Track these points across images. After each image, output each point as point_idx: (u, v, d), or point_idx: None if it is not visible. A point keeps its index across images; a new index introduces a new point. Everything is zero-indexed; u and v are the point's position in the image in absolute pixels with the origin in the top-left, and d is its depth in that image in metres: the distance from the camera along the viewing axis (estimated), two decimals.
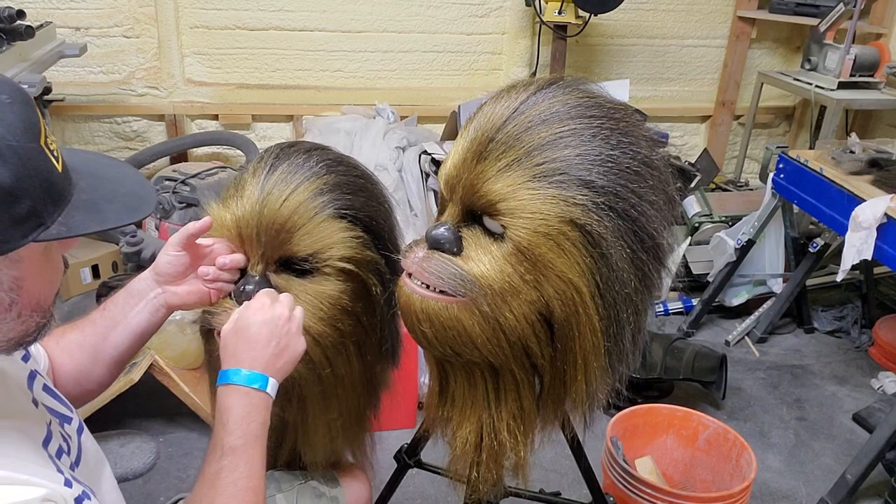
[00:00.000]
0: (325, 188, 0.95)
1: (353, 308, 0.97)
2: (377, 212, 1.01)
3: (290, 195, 0.93)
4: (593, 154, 0.80)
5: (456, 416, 0.97)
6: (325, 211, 0.94)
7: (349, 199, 0.97)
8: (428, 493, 1.92)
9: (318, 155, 1.00)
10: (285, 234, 0.93)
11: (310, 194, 0.94)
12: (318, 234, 0.94)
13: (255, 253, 0.95)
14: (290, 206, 0.93)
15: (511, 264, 0.82)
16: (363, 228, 0.98)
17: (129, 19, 2.91)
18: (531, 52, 3.26)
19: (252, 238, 0.94)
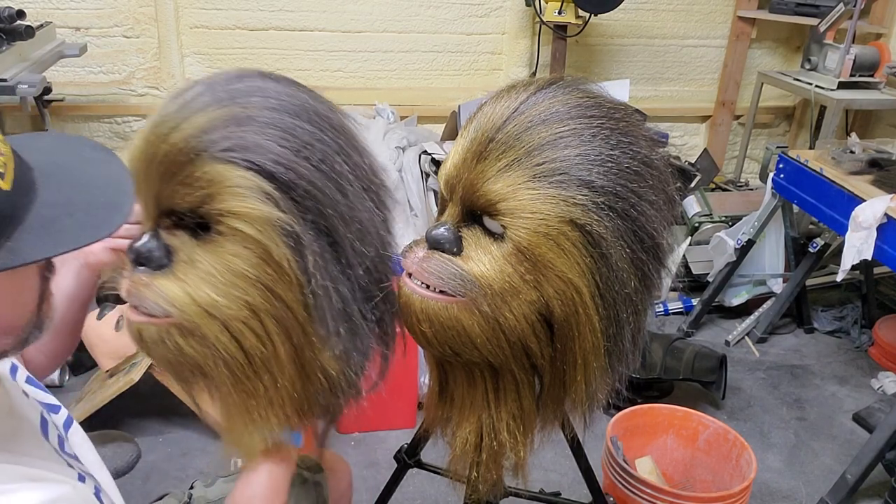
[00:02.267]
0: (229, 122, 0.73)
1: (258, 278, 0.75)
2: (318, 172, 0.76)
3: (179, 126, 0.73)
4: (593, 154, 0.80)
5: (456, 416, 0.97)
6: (214, 151, 0.72)
7: (261, 143, 0.73)
8: (428, 493, 1.92)
9: (253, 81, 0.78)
10: (166, 178, 0.74)
11: (199, 128, 0.73)
12: (203, 180, 0.72)
13: (143, 201, 0.79)
14: (173, 141, 0.73)
15: (511, 264, 0.82)
16: (276, 184, 0.73)
17: (129, 19, 2.91)
18: (531, 52, 3.26)
19: (140, 181, 0.77)
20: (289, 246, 0.74)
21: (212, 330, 0.75)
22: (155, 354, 0.80)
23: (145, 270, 0.76)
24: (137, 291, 0.76)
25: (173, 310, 0.74)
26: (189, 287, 0.75)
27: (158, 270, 0.76)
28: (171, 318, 0.75)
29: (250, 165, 0.72)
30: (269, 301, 0.76)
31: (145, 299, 0.76)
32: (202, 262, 0.75)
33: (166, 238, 0.77)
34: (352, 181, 0.79)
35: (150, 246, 0.76)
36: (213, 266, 0.74)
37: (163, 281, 0.75)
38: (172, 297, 0.75)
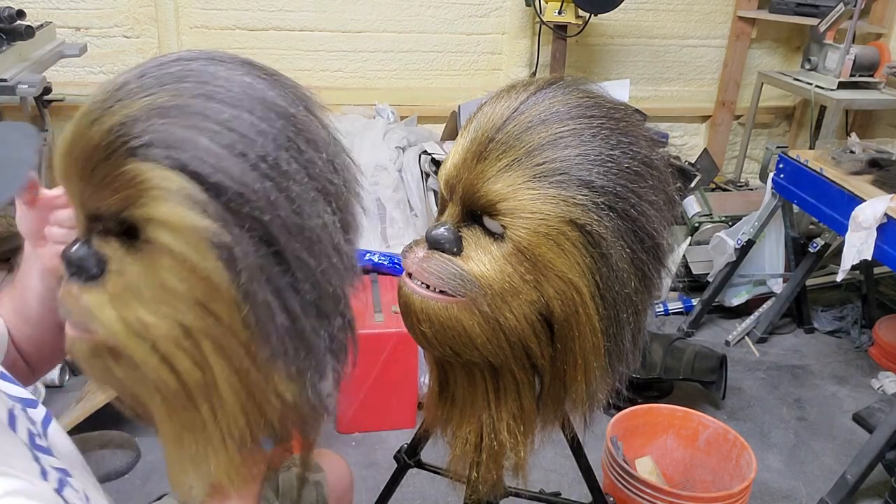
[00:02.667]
0: (152, 113, 0.63)
1: (190, 294, 0.66)
2: (255, 172, 0.65)
3: (100, 118, 0.64)
4: (593, 154, 0.80)
5: (456, 416, 0.97)
6: (134, 146, 0.62)
7: (188, 137, 0.63)
8: (428, 493, 1.92)
9: (190, 63, 0.69)
10: (87, 177, 0.65)
11: (119, 120, 0.63)
12: (122, 180, 0.63)
13: (73, 204, 0.70)
14: (92, 135, 0.63)
15: (511, 264, 0.82)
16: (204, 186, 0.63)
17: (129, 19, 2.91)
18: (531, 52, 3.25)
19: (66, 180, 0.68)
20: (221, 259, 0.64)
21: (140, 352, 0.67)
22: (91, 373, 0.73)
23: (77, 281, 0.69)
24: (67, 304, 0.69)
25: (99, 327, 0.67)
26: (116, 302, 0.67)
27: (90, 281, 0.68)
28: (99, 336, 0.68)
29: (174, 164, 0.62)
30: (204, 319, 0.66)
31: (73, 313, 0.69)
32: (131, 274, 0.66)
33: (98, 245, 0.68)
34: (301, 181, 0.68)
35: (81, 254, 0.68)
36: (142, 279, 0.66)
37: (91, 294, 0.68)
38: (98, 314, 0.67)
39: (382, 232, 2.69)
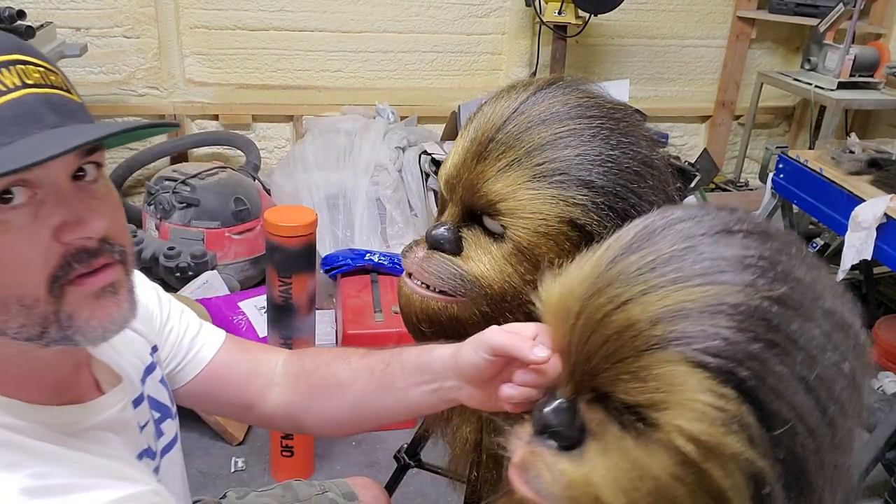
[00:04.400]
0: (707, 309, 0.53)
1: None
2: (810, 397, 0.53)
3: (641, 298, 0.54)
4: (593, 154, 0.80)
5: (456, 416, 0.97)
6: (682, 348, 0.52)
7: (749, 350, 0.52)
8: (428, 493, 1.92)
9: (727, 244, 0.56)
10: (608, 359, 0.56)
11: (669, 310, 0.53)
12: (660, 381, 0.53)
13: (568, 363, 0.61)
14: (631, 317, 0.55)
15: (511, 264, 0.82)
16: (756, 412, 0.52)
17: (129, 19, 2.91)
18: (531, 52, 3.26)
19: (568, 338, 0.60)
20: (749, 491, 0.53)
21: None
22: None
23: (550, 445, 0.60)
24: (535, 469, 0.60)
25: (566, 502, 0.58)
26: (598, 487, 0.57)
27: (565, 450, 0.60)
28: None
29: (724, 377, 0.51)
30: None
31: (540, 483, 0.60)
32: (623, 463, 0.56)
33: (584, 413, 0.59)
34: (845, 409, 0.55)
35: (563, 420, 0.59)
36: (636, 473, 0.55)
37: (566, 466, 0.58)
38: (576, 493, 0.58)
39: (382, 232, 2.69)
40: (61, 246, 0.61)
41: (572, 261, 0.80)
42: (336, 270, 2.37)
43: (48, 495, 0.60)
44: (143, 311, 0.83)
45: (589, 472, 0.58)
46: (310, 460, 1.93)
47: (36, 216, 0.60)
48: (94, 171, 0.65)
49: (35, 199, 0.60)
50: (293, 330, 1.68)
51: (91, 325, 0.64)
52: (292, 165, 2.80)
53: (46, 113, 0.59)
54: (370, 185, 2.69)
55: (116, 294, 0.65)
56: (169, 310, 0.92)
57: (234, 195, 2.52)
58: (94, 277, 0.63)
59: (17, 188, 0.58)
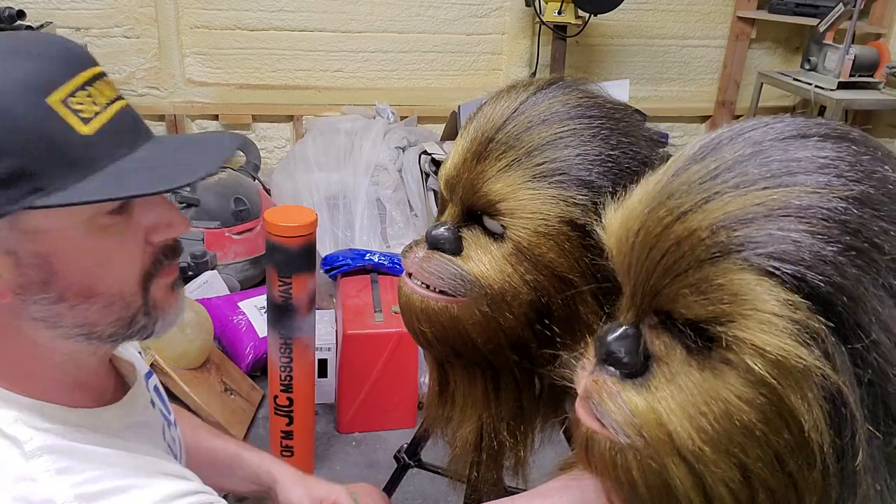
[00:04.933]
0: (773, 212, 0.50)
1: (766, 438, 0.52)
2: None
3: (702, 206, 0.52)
4: (593, 154, 0.80)
5: (456, 415, 0.97)
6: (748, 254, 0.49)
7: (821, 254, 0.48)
8: (428, 493, 1.92)
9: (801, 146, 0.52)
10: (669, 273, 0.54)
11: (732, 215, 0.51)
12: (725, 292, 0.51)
13: (630, 286, 0.59)
14: (690, 226, 0.52)
15: (511, 264, 0.82)
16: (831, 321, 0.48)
17: (129, 19, 2.92)
18: (531, 52, 3.26)
19: (630, 259, 0.58)
20: (825, 411, 0.49)
21: (677, 471, 0.56)
22: (601, 470, 0.63)
23: (614, 374, 0.59)
24: (599, 397, 0.59)
25: (638, 438, 0.57)
26: (665, 415, 0.55)
27: (629, 378, 0.59)
28: (629, 443, 0.58)
29: (795, 284, 0.47)
30: (773, 473, 0.53)
31: (606, 413, 0.59)
32: (690, 388, 0.54)
33: (649, 340, 0.58)
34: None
35: (626, 347, 0.58)
36: (703, 399, 0.53)
37: (633, 396, 0.58)
38: (641, 422, 0.57)
39: (382, 232, 2.69)
40: (151, 245, 0.67)
41: (573, 260, 0.81)
42: (336, 270, 2.37)
43: (103, 498, 0.62)
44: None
45: (653, 400, 0.55)
46: (310, 461, 1.93)
47: (130, 219, 0.65)
48: None
49: (128, 204, 0.65)
50: (293, 330, 1.68)
51: (168, 315, 0.70)
52: (292, 165, 2.80)
53: (138, 124, 0.66)
54: (370, 185, 2.69)
55: (180, 286, 0.73)
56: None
57: (234, 195, 2.52)
58: (168, 270, 0.70)
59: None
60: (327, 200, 2.70)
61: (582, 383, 0.61)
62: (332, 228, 2.69)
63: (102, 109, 0.62)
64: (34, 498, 0.59)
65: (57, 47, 0.62)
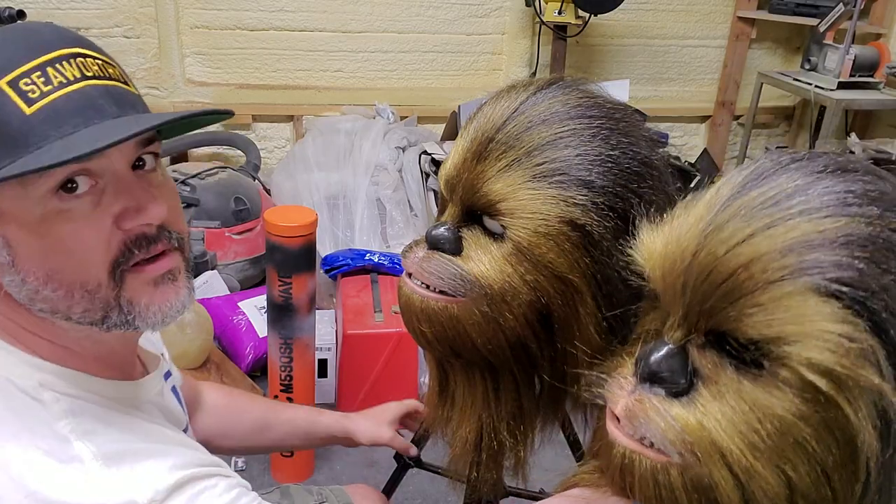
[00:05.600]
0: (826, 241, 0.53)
1: (814, 453, 0.54)
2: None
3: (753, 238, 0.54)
4: (593, 154, 0.80)
5: (456, 415, 0.97)
6: (805, 278, 0.52)
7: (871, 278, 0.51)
8: (428, 493, 1.92)
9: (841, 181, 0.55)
10: (727, 298, 0.56)
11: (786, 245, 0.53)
12: (783, 313, 0.53)
13: (680, 307, 0.60)
14: (748, 256, 0.54)
15: (511, 264, 0.82)
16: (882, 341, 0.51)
17: (129, 19, 2.91)
18: (531, 52, 3.26)
19: (681, 282, 0.59)
20: (877, 428, 0.52)
21: (728, 493, 0.56)
22: (641, 489, 0.63)
23: (659, 392, 0.59)
24: (644, 416, 0.59)
25: (689, 455, 0.57)
26: (715, 431, 0.56)
27: (674, 397, 0.58)
28: (677, 460, 0.58)
29: (857, 308, 0.50)
30: (818, 487, 0.54)
31: (652, 429, 0.58)
32: (741, 404, 0.55)
33: (695, 357, 0.59)
34: None
35: (673, 366, 0.58)
36: (755, 415, 0.54)
37: (679, 412, 0.57)
38: (692, 439, 0.56)
39: (382, 232, 2.69)
40: (122, 233, 0.64)
41: (573, 260, 0.81)
42: (336, 270, 2.37)
43: (124, 461, 0.62)
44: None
45: (703, 417, 0.56)
46: (310, 461, 1.93)
47: (98, 204, 0.62)
48: (152, 161, 0.68)
49: (97, 188, 0.62)
50: (293, 330, 1.68)
51: (150, 311, 0.67)
52: (292, 165, 2.80)
53: (107, 104, 0.62)
54: (370, 185, 2.69)
55: (175, 281, 0.69)
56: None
57: (234, 195, 2.52)
58: (153, 265, 0.67)
59: (80, 177, 0.61)
60: (327, 200, 2.69)
61: (620, 403, 0.61)
62: (332, 228, 2.69)
63: (55, 89, 0.60)
64: (62, 455, 0.61)
65: (28, 33, 0.63)
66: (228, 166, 2.76)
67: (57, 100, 0.60)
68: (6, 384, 0.63)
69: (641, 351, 0.61)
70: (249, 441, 1.12)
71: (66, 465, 0.61)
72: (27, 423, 0.62)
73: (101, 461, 0.61)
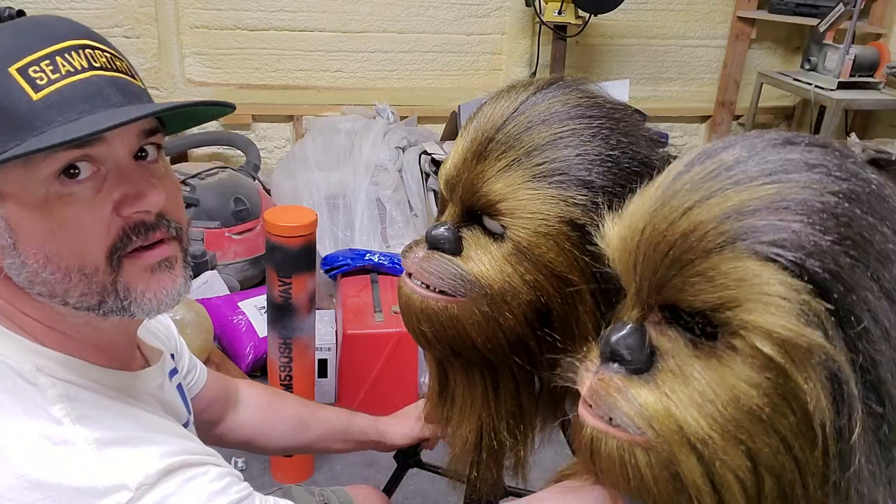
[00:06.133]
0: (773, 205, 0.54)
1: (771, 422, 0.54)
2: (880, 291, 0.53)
3: (706, 200, 0.56)
4: (593, 154, 0.80)
5: (456, 415, 0.97)
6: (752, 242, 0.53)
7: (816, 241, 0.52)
8: (428, 492, 1.92)
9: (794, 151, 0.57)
10: (677, 265, 0.57)
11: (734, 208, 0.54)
12: (731, 278, 0.54)
13: (635, 285, 0.62)
14: (696, 219, 0.56)
15: (511, 264, 0.82)
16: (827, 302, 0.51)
17: (129, 19, 2.91)
18: (531, 52, 3.26)
19: (635, 259, 0.61)
20: (827, 390, 0.51)
21: (689, 468, 0.57)
22: (606, 468, 0.64)
23: (619, 370, 0.60)
24: (606, 395, 0.61)
25: (649, 430, 0.58)
26: (674, 406, 0.57)
27: (635, 374, 0.60)
28: (642, 437, 0.59)
29: (795, 270, 0.50)
30: (778, 458, 0.54)
31: (616, 408, 0.60)
32: (697, 378, 0.56)
33: (653, 336, 0.60)
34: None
35: (632, 342, 0.60)
36: (710, 387, 0.55)
37: (641, 390, 0.59)
38: (651, 414, 0.58)
39: (382, 232, 2.69)
40: (121, 219, 0.65)
41: (573, 260, 0.81)
42: (336, 270, 2.37)
43: (117, 446, 0.63)
44: (164, 322, 0.92)
45: (661, 392, 0.57)
46: (310, 461, 1.93)
47: (99, 190, 0.64)
48: (154, 152, 0.69)
49: (98, 174, 0.64)
50: (293, 330, 1.68)
51: (146, 298, 0.68)
52: (292, 165, 2.80)
53: (112, 93, 0.64)
54: (370, 185, 2.69)
55: (172, 269, 0.70)
56: (172, 325, 0.98)
57: (234, 195, 2.52)
58: (151, 252, 0.68)
59: (82, 163, 0.63)
60: (327, 200, 2.69)
61: (586, 384, 0.63)
62: (332, 228, 2.69)
63: (63, 77, 0.62)
64: (56, 438, 0.62)
65: (39, 24, 0.64)
66: (228, 166, 2.76)
67: (64, 87, 0.62)
68: (3, 367, 0.64)
69: (603, 332, 0.62)
70: (290, 440, 1.11)
71: (58, 447, 0.61)
72: (22, 405, 0.63)
73: (93, 445, 0.62)
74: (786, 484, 0.55)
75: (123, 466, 0.62)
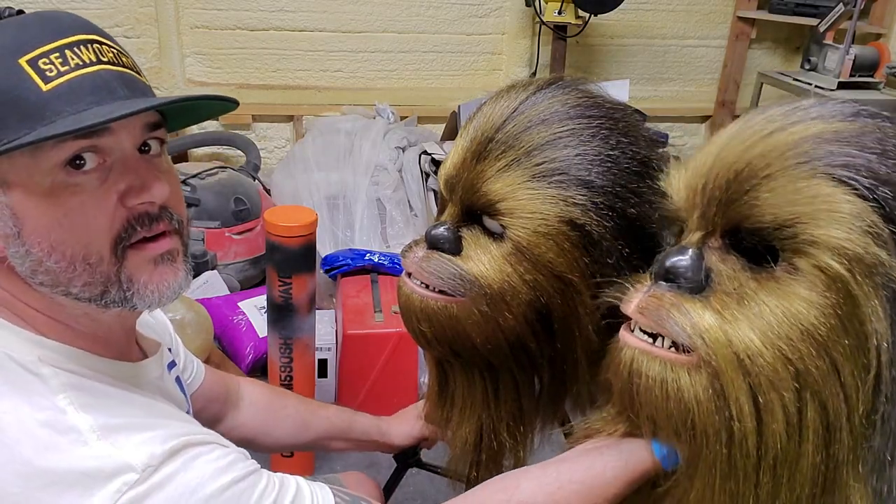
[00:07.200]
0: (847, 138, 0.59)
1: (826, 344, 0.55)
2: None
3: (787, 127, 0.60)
4: (592, 154, 0.80)
5: (455, 415, 0.97)
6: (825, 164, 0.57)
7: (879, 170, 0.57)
8: (428, 492, 1.92)
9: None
10: (748, 184, 0.59)
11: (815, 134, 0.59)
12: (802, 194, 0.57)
13: (699, 209, 0.63)
14: (776, 141, 0.60)
15: (510, 264, 0.82)
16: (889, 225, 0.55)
17: (129, 19, 2.91)
18: (531, 52, 3.26)
19: (704, 185, 0.63)
20: (886, 312, 0.53)
21: (736, 385, 0.57)
22: (643, 387, 0.63)
23: (673, 287, 0.62)
24: (658, 307, 0.61)
25: (699, 341, 0.58)
26: (727, 322, 0.57)
27: (689, 293, 0.61)
28: (688, 356, 0.59)
29: (868, 195, 0.54)
30: (826, 383, 0.54)
31: (668, 318, 0.60)
32: (753, 297, 0.57)
33: (712, 260, 0.62)
34: None
35: (689, 264, 0.61)
36: (767, 307, 0.56)
37: (695, 305, 0.60)
38: (704, 327, 0.58)
39: (382, 232, 2.69)
40: (126, 210, 0.66)
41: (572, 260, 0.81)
42: (336, 270, 2.37)
43: (121, 432, 0.64)
44: (159, 318, 0.93)
45: (714, 309, 0.58)
46: (310, 460, 1.93)
47: (104, 181, 0.65)
48: (158, 147, 0.71)
49: (104, 165, 0.65)
50: (293, 330, 1.68)
51: (148, 290, 0.69)
52: (292, 165, 2.80)
53: (119, 87, 0.66)
54: (370, 185, 2.69)
55: (174, 262, 0.71)
56: (167, 321, 0.99)
57: (234, 195, 2.52)
58: (154, 244, 0.69)
59: (88, 154, 0.64)
60: (327, 200, 2.69)
61: (634, 301, 0.64)
62: (332, 228, 2.69)
63: (72, 70, 0.63)
64: (60, 426, 0.62)
65: (49, 18, 0.66)
66: (228, 166, 2.76)
67: (73, 79, 0.63)
68: (5, 359, 0.65)
69: (658, 257, 0.64)
70: (292, 439, 1.12)
71: (62, 435, 0.62)
72: (26, 395, 0.63)
73: (98, 432, 0.63)
74: (830, 412, 0.55)
75: (129, 450, 0.63)
